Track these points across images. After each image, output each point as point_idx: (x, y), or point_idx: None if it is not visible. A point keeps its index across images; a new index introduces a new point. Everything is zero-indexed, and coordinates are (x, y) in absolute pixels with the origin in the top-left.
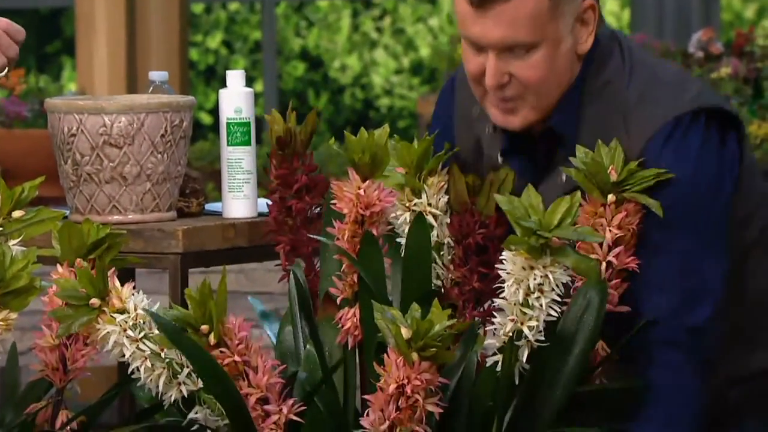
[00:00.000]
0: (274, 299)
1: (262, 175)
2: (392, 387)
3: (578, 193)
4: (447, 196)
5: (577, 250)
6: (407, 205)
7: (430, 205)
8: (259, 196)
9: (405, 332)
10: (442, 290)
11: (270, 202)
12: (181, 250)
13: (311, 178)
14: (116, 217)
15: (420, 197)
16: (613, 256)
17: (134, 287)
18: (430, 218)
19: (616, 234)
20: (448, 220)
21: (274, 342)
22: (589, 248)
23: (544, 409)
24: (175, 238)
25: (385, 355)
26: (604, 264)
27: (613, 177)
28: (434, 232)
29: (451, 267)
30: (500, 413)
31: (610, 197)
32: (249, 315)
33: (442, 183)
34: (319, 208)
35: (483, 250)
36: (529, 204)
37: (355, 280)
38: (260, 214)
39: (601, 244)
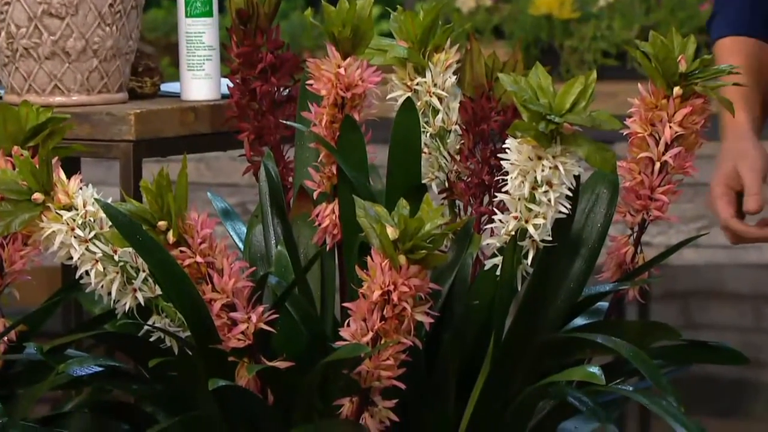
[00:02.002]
0: (240, 192)
1: (226, 51)
2: (376, 294)
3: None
4: (455, 77)
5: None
6: (408, 84)
7: (435, 85)
8: (223, 75)
9: (391, 232)
10: (446, 183)
11: (231, 84)
12: (134, 137)
13: (278, 56)
14: (59, 99)
15: (424, 76)
16: (670, 157)
17: (81, 180)
18: (434, 100)
19: (677, 132)
20: (456, 105)
21: (238, 243)
22: (643, 144)
23: (547, 319)
24: (127, 123)
25: (368, 257)
26: (658, 164)
27: (682, 67)
28: (439, 117)
29: (458, 158)
30: (498, 322)
31: (676, 90)
32: (211, 210)
33: (450, 61)
34: (288, 90)
35: (497, 139)
36: (538, 85)
37: (334, 172)
38: (224, 96)
39: (657, 141)
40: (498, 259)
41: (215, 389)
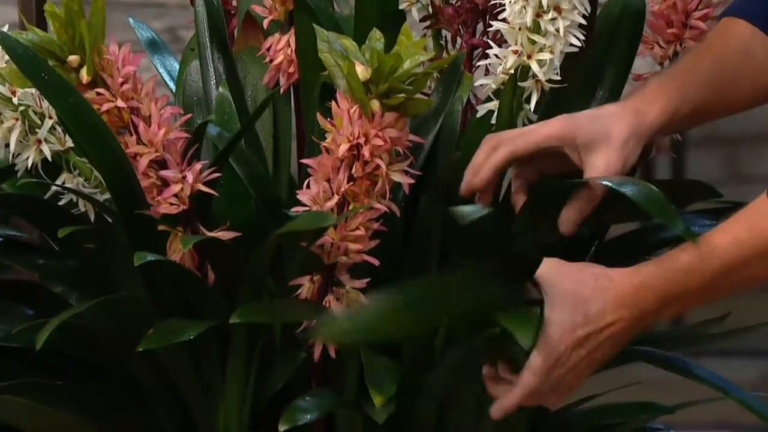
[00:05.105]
0: (168, 14)
1: None
2: (343, 148)
3: None
4: None
5: None
6: None
7: None
8: None
9: (361, 71)
10: (430, 8)
11: None
12: None
13: None
14: None
15: None
16: None
17: None
18: None
19: None
20: None
21: (169, 83)
22: None
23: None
24: None
25: (333, 102)
26: None
27: None
28: None
29: None
30: None
31: None
32: (133, 39)
33: None
34: None
35: None
36: None
37: None
38: None
39: None
40: (494, 104)
41: (142, 265)
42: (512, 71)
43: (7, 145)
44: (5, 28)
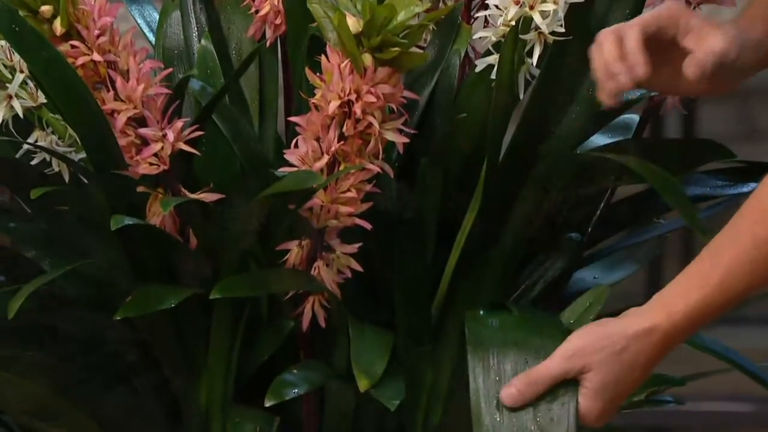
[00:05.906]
0: None
1: None
2: (333, 105)
3: None
4: None
5: None
6: None
7: None
8: None
9: (353, 23)
10: None
11: None
12: None
13: None
14: None
15: None
16: None
17: None
18: None
19: None
20: None
21: (148, 35)
22: None
23: (557, 137)
24: None
25: (322, 56)
26: None
27: None
28: None
29: None
30: (493, 142)
31: None
32: None
33: None
34: None
35: None
36: None
37: None
38: None
39: None
40: (494, 58)
41: (120, 229)
42: (513, 23)
43: None
44: None
